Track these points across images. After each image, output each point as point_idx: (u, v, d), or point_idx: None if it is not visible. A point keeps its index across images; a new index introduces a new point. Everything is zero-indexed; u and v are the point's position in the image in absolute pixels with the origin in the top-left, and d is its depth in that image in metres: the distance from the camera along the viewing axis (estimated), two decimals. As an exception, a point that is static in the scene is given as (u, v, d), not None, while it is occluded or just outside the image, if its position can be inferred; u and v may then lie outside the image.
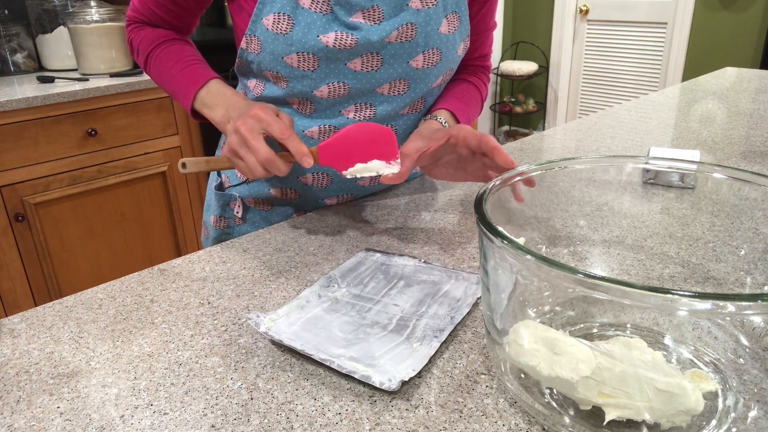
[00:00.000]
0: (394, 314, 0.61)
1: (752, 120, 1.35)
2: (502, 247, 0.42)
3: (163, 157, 2.23)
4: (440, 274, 0.68)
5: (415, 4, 0.78)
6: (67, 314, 0.63)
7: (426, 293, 0.64)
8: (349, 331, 0.58)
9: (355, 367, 0.51)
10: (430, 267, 0.70)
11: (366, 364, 0.52)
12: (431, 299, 0.63)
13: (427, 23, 0.79)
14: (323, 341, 0.56)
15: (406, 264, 0.71)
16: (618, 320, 0.56)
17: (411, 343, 0.55)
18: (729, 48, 3.30)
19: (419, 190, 0.96)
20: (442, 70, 0.85)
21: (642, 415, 0.41)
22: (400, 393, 0.50)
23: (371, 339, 0.56)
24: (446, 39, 0.82)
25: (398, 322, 0.59)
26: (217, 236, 0.99)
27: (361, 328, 0.58)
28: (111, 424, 0.48)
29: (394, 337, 0.56)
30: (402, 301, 0.63)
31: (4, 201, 1.88)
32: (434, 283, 0.66)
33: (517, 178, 0.56)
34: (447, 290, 0.65)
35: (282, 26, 0.75)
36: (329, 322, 0.60)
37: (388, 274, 0.68)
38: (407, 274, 0.69)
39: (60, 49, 2.28)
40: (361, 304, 0.63)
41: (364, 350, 0.54)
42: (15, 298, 1.98)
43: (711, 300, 0.34)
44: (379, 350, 0.54)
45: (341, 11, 0.75)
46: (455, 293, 0.64)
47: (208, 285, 0.69)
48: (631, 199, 0.63)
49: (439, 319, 0.59)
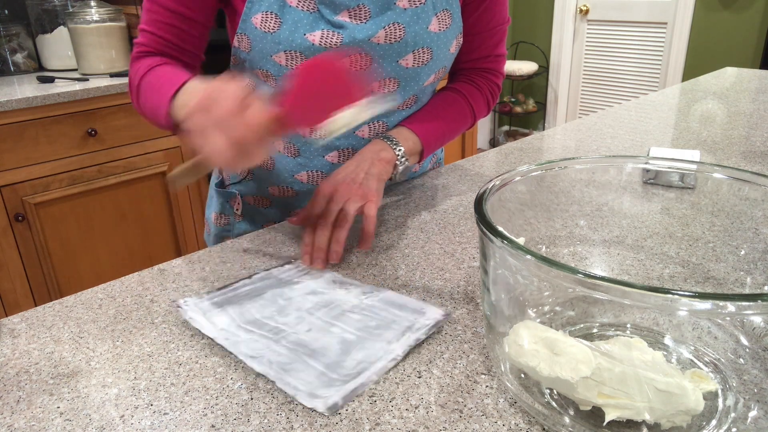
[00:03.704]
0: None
1: (752, 120, 1.35)
2: (502, 247, 0.42)
3: (163, 157, 2.23)
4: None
5: (402, 3, 0.77)
6: (67, 314, 0.63)
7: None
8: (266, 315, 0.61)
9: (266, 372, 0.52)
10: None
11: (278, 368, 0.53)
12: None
13: (416, 22, 0.79)
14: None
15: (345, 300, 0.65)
16: (618, 320, 0.56)
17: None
18: (729, 48, 3.29)
19: (419, 190, 0.96)
20: (434, 69, 0.84)
21: (642, 415, 0.41)
22: (400, 393, 0.50)
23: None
24: (437, 37, 0.81)
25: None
26: (218, 233, 1.00)
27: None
28: (111, 424, 0.48)
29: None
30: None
31: (4, 201, 1.88)
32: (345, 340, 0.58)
33: (517, 177, 0.56)
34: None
35: (270, 25, 0.75)
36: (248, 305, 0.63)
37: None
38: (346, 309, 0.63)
39: (60, 49, 2.28)
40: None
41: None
42: (15, 298, 1.98)
43: (711, 300, 0.34)
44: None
45: (326, 10, 0.75)
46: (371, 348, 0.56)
47: (208, 285, 0.69)
48: (631, 199, 0.63)
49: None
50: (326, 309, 0.62)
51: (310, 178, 0.90)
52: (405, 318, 0.60)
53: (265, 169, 0.91)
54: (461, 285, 0.67)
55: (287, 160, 0.88)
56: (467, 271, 0.70)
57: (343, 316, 0.61)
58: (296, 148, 0.87)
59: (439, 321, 0.59)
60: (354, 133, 0.86)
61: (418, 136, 0.86)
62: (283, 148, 0.87)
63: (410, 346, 0.55)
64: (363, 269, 0.71)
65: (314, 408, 0.48)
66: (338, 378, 0.51)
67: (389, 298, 0.64)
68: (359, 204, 0.74)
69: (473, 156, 1.15)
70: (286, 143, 0.87)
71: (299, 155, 0.88)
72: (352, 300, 0.64)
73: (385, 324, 0.59)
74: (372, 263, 0.72)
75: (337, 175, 0.78)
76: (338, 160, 0.88)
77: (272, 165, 0.90)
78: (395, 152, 0.82)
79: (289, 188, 0.91)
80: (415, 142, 0.85)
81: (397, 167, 0.83)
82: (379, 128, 0.87)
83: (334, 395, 0.49)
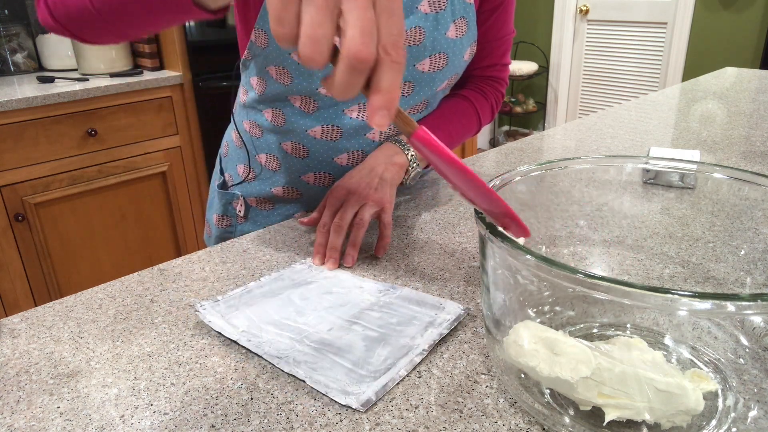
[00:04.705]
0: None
1: (752, 120, 1.35)
2: (502, 247, 0.42)
3: (163, 157, 2.23)
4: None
5: (424, 8, 0.78)
6: (67, 314, 0.63)
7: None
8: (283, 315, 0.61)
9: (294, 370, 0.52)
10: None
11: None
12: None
13: (435, 27, 0.79)
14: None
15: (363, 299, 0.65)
16: (618, 320, 0.56)
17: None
18: (729, 48, 3.30)
19: (419, 190, 0.96)
20: (448, 75, 0.85)
21: (642, 416, 0.41)
22: (400, 393, 0.50)
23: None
24: (453, 43, 0.82)
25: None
26: (219, 234, 1.00)
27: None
28: (111, 424, 0.48)
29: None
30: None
31: (4, 201, 1.88)
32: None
33: (517, 177, 0.56)
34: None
35: None
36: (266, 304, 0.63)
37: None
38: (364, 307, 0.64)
39: (60, 49, 2.28)
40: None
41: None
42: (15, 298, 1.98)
43: (711, 300, 0.34)
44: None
45: None
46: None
47: (208, 285, 0.69)
48: (631, 199, 0.63)
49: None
50: (345, 308, 0.62)
51: (317, 180, 0.90)
52: (425, 314, 0.61)
53: (270, 170, 0.91)
54: (461, 285, 0.67)
55: (295, 160, 0.88)
56: (467, 271, 0.70)
57: (362, 314, 0.61)
58: (305, 149, 0.87)
59: (460, 315, 0.60)
60: (365, 135, 0.86)
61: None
62: (292, 149, 0.87)
63: (434, 341, 0.56)
64: (363, 269, 0.71)
65: (348, 405, 0.48)
66: (367, 374, 0.52)
67: (407, 294, 0.65)
68: (375, 210, 0.74)
69: (473, 156, 1.15)
70: (295, 144, 0.87)
71: (308, 156, 0.88)
72: (370, 298, 0.64)
73: (406, 320, 0.60)
74: (372, 263, 0.72)
75: (351, 179, 0.78)
76: (347, 163, 0.88)
77: (278, 166, 0.90)
78: (407, 157, 0.83)
79: (295, 189, 0.91)
80: None
81: (408, 172, 0.83)
82: (390, 131, 0.87)
83: (367, 391, 0.50)
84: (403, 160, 0.82)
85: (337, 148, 0.87)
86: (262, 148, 0.90)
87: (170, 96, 2.20)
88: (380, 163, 0.80)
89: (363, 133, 0.86)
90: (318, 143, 0.86)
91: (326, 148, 0.87)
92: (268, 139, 0.89)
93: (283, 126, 0.86)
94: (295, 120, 0.85)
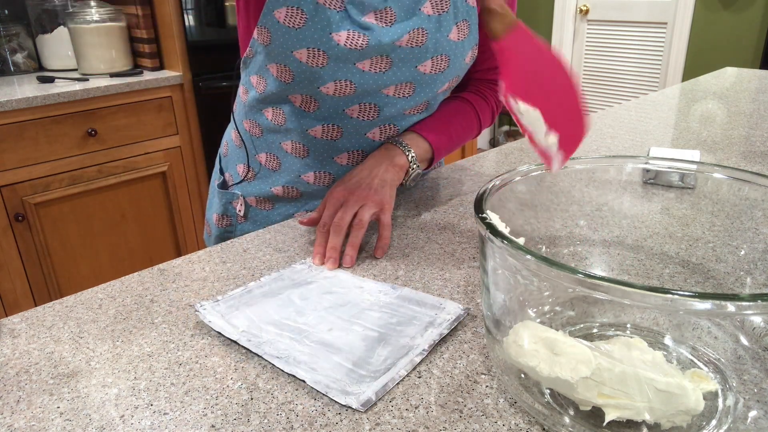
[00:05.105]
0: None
1: (752, 120, 1.35)
2: (502, 247, 0.42)
3: (163, 157, 2.23)
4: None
5: (427, 10, 0.78)
6: (67, 314, 0.63)
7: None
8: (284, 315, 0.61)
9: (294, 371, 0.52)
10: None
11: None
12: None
13: (438, 29, 0.79)
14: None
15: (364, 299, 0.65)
16: (618, 320, 0.56)
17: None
18: (729, 48, 3.29)
19: (419, 190, 0.96)
20: (449, 77, 0.85)
21: (642, 416, 0.41)
22: (400, 393, 0.50)
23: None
24: (455, 46, 0.82)
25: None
26: (219, 234, 1.00)
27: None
28: (111, 424, 0.48)
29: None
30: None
31: (4, 201, 1.88)
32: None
33: (517, 177, 0.56)
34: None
35: (295, 20, 0.74)
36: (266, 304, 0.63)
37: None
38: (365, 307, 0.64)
39: (60, 49, 2.28)
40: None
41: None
42: (15, 298, 1.98)
43: (711, 300, 0.34)
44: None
45: (354, 10, 0.75)
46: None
47: (208, 285, 0.69)
48: (631, 199, 0.63)
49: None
50: (345, 308, 0.62)
51: (317, 180, 0.90)
52: (425, 314, 0.61)
53: (270, 170, 0.91)
54: (461, 285, 0.67)
55: (295, 160, 0.88)
56: (467, 271, 0.70)
57: (362, 314, 0.61)
58: (306, 148, 0.87)
59: (460, 315, 0.60)
60: (365, 135, 0.86)
61: (430, 142, 0.86)
62: (292, 148, 0.87)
63: (435, 341, 0.56)
64: (363, 270, 0.71)
65: (348, 405, 0.48)
66: (367, 374, 0.52)
67: (407, 294, 0.65)
68: (374, 211, 0.75)
69: (473, 156, 1.15)
70: (294, 143, 0.87)
71: (308, 155, 0.88)
72: (370, 298, 0.64)
73: (406, 320, 0.60)
74: (372, 263, 0.73)
75: (351, 179, 0.78)
76: (347, 163, 0.88)
77: (278, 165, 0.90)
78: (408, 158, 0.83)
79: (295, 189, 0.91)
80: (426, 149, 0.86)
81: (408, 173, 0.83)
82: (391, 131, 0.87)
83: (367, 391, 0.50)
84: (404, 162, 0.82)
85: (337, 147, 0.87)
86: (262, 147, 0.90)
87: (170, 96, 2.20)
88: (380, 164, 0.80)
89: (363, 132, 0.86)
90: (318, 143, 0.86)
91: (326, 147, 0.87)
92: (268, 138, 0.89)
93: (283, 125, 0.86)
94: (296, 119, 0.85)
